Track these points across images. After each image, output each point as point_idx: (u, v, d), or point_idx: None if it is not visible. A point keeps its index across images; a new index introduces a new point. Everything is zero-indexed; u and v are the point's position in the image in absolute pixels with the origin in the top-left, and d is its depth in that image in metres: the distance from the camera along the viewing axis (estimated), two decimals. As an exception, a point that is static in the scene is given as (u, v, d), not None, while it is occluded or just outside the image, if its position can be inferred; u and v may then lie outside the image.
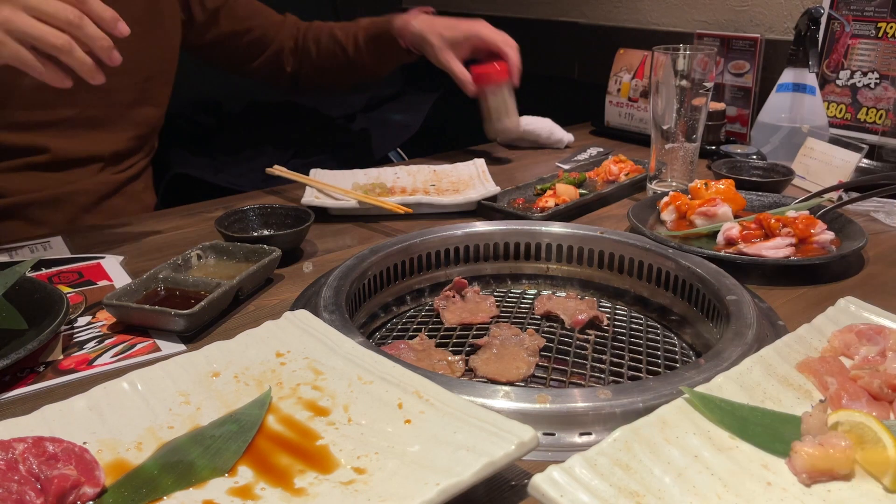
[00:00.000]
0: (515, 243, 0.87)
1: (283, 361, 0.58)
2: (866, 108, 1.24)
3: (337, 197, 1.03)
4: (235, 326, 0.70)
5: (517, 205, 1.03)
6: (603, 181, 1.14)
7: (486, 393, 0.54)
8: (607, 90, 1.50)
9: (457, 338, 0.74)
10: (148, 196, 1.24)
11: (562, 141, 1.40)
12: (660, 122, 1.02)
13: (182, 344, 0.66)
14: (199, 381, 0.56)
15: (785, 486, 0.44)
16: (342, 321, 0.65)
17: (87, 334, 0.68)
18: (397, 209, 0.96)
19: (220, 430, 0.50)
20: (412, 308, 0.83)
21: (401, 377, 0.54)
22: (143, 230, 0.98)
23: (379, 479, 0.45)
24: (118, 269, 0.84)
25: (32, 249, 0.89)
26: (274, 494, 0.45)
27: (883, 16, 1.21)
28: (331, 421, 0.51)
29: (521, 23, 1.98)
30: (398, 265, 0.82)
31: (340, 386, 0.55)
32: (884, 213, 1.00)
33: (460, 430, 0.48)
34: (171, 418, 0.52)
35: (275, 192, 1.14)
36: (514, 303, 0.83)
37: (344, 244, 0.92)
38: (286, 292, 0.78)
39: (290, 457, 0.48)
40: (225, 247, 0.80)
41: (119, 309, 0.68)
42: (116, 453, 0.48)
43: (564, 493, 0.41)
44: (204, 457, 0.48)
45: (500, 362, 0.67)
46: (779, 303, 0.75)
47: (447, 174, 1.16)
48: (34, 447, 0.45)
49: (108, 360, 0.64)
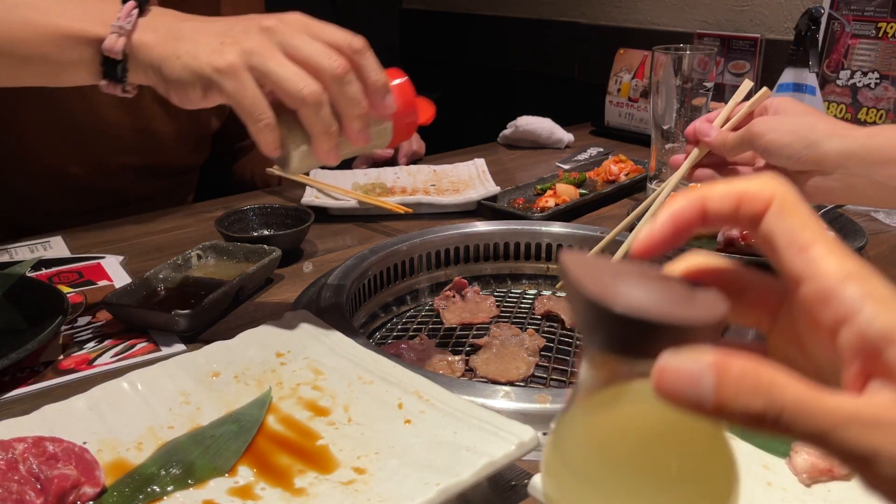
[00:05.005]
0: (515, 243, 0.87)
1: (284, 361, 0.58)
2: (866, 108, 1.24)
3: (337, 197, 1.02)
4: (235, 326, 0.70)
5: (517, 205, 1.03)
6: (603, 181, 1.14)
7: (487, 393, 0.54)
8: (607, 90, 1.50)
9: (457, 338, 0.74)
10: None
11: (562, 141, 1.39)
12: (660, 122, 1.02)
13: (182, 344, 0.66)
14: (200, 380, 0.56)
15: (785, 486, 0.44)
16: (342, 321, 0.65)
17: (87, 334, 0.68)
18: (397, 209, 0.96)
19: (220, 430, 0.50)
20: (412, 308, 0.83)
21: (401, 377, 0.54)
22: (144, 230, 0.98)
23: (379, 479, 0.45)
24: (118, 269, 0.84)
25: (32, 249, 0.89)
26: (274, 494, 0.45)
27: (883, 16, 1.21)
28: (331, 421, 0.51)
29: (521, 23, 1.98)
30: (398, 265, 0.82)
31: (340, 386, 0.55)
32: (884, 213, 1.00)
33: (460, 430, 0.48)
34: (171, 418, 0.52)
35: (275, 192, 1.14)
36: (515, 303, 0.83)
37: (344, 244, 0.92)
38: (286, 292, 0.78)
39: (290, 457, 0.48)
40: (225, 247, 0.80)
41: (119, 309, 0.68)
42: (116, 453, 0.48)
43: (564, 494, 0.41)
44: (204, 457, 0.48)
45: (500, 362, 0.67)
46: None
47: (447, 174, 1.16)
48: (34, 447, 0.45)
49: (108, 360, 0.64)
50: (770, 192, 0.26)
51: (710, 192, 0.27)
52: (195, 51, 0.57)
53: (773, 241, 0.26)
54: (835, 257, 0.24)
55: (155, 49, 0.58)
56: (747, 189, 0.26)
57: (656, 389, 0.23)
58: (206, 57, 0.56)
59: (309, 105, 0.56)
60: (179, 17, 0.61)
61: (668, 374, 0.23)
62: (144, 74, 0.60)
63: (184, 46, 0.57)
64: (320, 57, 0.56)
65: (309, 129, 0.57)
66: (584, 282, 0.24)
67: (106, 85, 0.61)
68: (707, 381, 0.22)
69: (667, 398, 0.23)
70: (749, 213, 0.26)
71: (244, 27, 0.58)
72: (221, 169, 1.32)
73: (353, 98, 0.57)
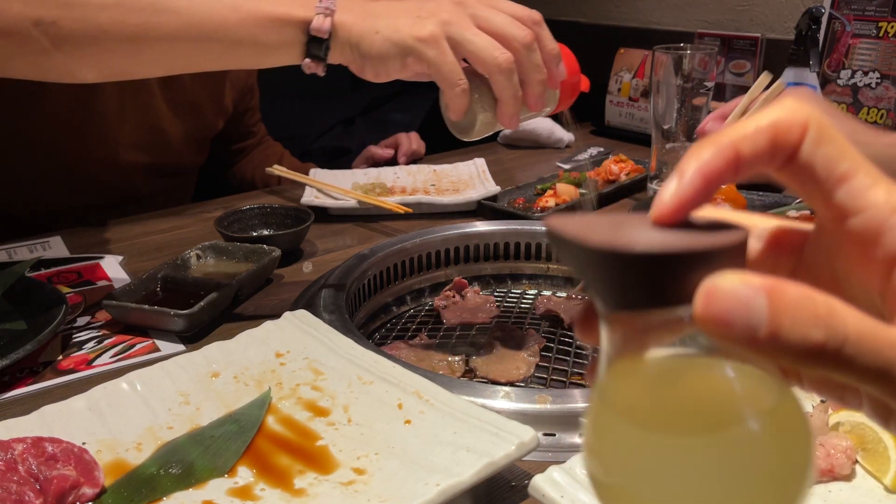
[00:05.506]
0: (516, 243, 0.87)
1: (283, 362, 0.58)
2: (867, 107, 1.24)
3: (337, 197, 1.02)
4: (235, 326, 0.69)
5: (517, 205, 1.03)
6: (603, 181, 1.13)
7: (487, 393, 0.54)
8: (608, 90, 1.49)
9: (457, 338, 0.74)
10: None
11: (562, 140, 1.39)
12: (660, 122, 1.02)
13: (181, 344, 0.66)
14: (199, 381, 0.56)
15: (786, 487, 0.44)
16: (342, 321, 0.65)
17: (87, 334, 0.68)
18: (397, 209, 0.96)
19: (219, 431, 0.50)
20: (412, 308, 0.83)
21: (401, 377, 0.54)
22: (143, 230, 0.98)
23: (379, 480, 0.45)
24: (117, 269, 0.84)
25: (31, 249, 0.89)
26: (273, 495, 0.44)
27: (884, 15, 1.21)
28: (331, 421, 0.51)
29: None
30: (398, 265, 0.82)
31: (340, 386, 0.55)
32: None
33: (460, 430, 0.48)
34: (170, 418, 0.52)
35: (274, 192, 1.14)
36: (515, 303, 0.83)
37: (344, 244, 0.92)
38: (286, 292, 0.78)
39: (289, 457, 0.48)
40: (224, 247, 0.80)
41: (118, 309, 0.68)
42: (116, 453, 0.48)
43: (565, 494, 0.41)
44: (203, 457, 0.48)
45: (500, 363, 0.67)
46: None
47: (447, 174, 1.16)
48: (33, 447, 0.45)
49: (107, 360, 0.64)
50: (804, 118, 0.23)
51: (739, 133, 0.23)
52: (396, 25, 0.62)
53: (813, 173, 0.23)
54: (881, 187, 0.22)
55: (354, 27, 0.63)
56: (780, 119, 0.23)
57: (702, 317, 0.20)
58: (407, 29, 0.62)
59: (503, 72, 0.61)
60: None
61: (716, 298, 0.20)
62: (342, 53, 0.64)
63: (382, 22, 0.63)
64: (510, 27, 0.62)
65: (499, 94, 0.62)
66: (586, 236, 0.21)
67: (308, 64, 0.65)
68: (760, 306, 0.19)
69: (715, 326, 0.20)
70: (787, 146, 0.23)
71: (436, 2, 0.63)
72: (221, 170, 1.32)
73: (537, 65, 0.63)
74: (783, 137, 0.23)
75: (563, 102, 0.71)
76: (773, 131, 0.23)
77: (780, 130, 0.23)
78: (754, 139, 0.23)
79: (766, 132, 0.23)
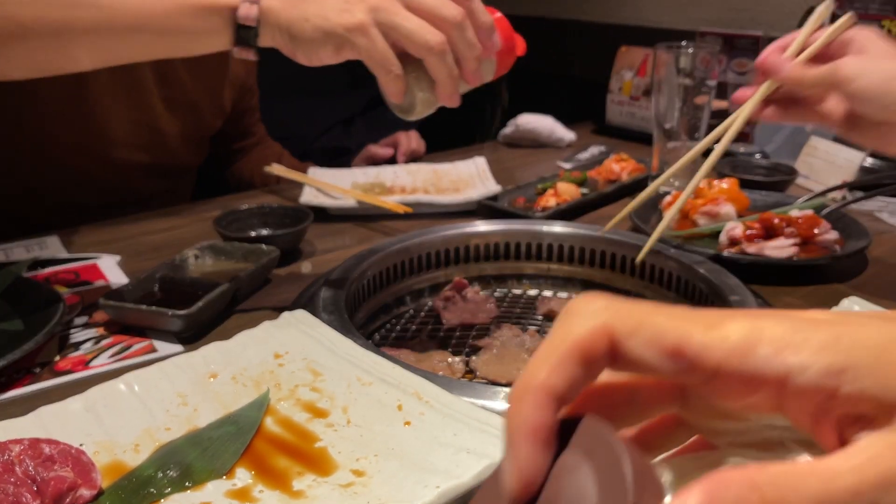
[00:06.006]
0: (516, 243, 0.86)
1: (282, 362, 0.58)
2: (869, 106, 1.24)
3: (336, 196, 1.02)
4: (233, 327, 0.69)
5: (518, 204, 1.02)
6: (604, 180, 1.13)
7: (487, 394, 0.54)
8: (609, 88, 1.49)
9: (457, 338, 0.73)
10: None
11: (563, 140, 1.39)
12: (662, 121, 1.02)
13: (179, 345, 0.66)
14: (197, 382, 0.55)
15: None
16: (341, 322, 0.64)
17: (84, 335, 0.68)
18: (397, 209, 0.95)
19: (217, 432, 0.50)
20: (412, 308, 0.83)
21: (400, 378, 0.53)
22: (140, 230, 0.97)
23: (378, 482, 0.45)
24: (115, 270, 0.83)
25: (28, 249, 0.89)
26: (272, 497, 0.44)
27: (887, 13, 1.21)
28: (330, 423, 0.51)
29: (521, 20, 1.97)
30: (398, 265, 0.82)
31: (339, 387, 0.54)
32: (888, 213, 1.00)
33: (460, 431, 0.47)
34: (168, 420, 0.51)
35: (273, 192, 1.14)
36: (515, 303, 0.83)
37: (343, 244, 0.91)
38: (285, 292, 0.77)
39: (288, 459, 0.48)
40: (223, 246, 0.80)
41: (116, 309, 0.68)
42: (113, 455, 0.48)
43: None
44: (201, 459, 0.47)
45: (501, 363, 0.67)
46: (782, 303, 0.74)
47: (447, 173, 1.16)
48: (30, 449, 0.44)
49: (104, 361, 0.63)
50: (601, 323, 0.22)
51: (544, 371, 0.22)
52: (323, 12, 0.61)
53: (644, 363, 0.22)
54: (728, 326, 0.21)
55: (282, 13, 0.63)
56: (579, 338, 0.22)
57: None
58: (335, 17, 0.61)
59: (436, 53, 0.61)
60: None
61: None
62: (272, 37, 0.64)
63: (311, 8, 0.62)
64: (440, 7, 0.61)
65: (435, 75, 0.62)
66: None
67: (238, 51, 0.65)
68: None
69: None
70: (599, 358, 0.22)
71: None
72: (219, 170, 1.31)
73: (471, 42, 0.62)
74: (590, 354, 0.22)
75: (501, 69, 0.71)
76: (578, 353, 0.22)
77: (585, 349, 0.22)
78: (563, 371, 0.22)
79: (570, 359, 0.22)
